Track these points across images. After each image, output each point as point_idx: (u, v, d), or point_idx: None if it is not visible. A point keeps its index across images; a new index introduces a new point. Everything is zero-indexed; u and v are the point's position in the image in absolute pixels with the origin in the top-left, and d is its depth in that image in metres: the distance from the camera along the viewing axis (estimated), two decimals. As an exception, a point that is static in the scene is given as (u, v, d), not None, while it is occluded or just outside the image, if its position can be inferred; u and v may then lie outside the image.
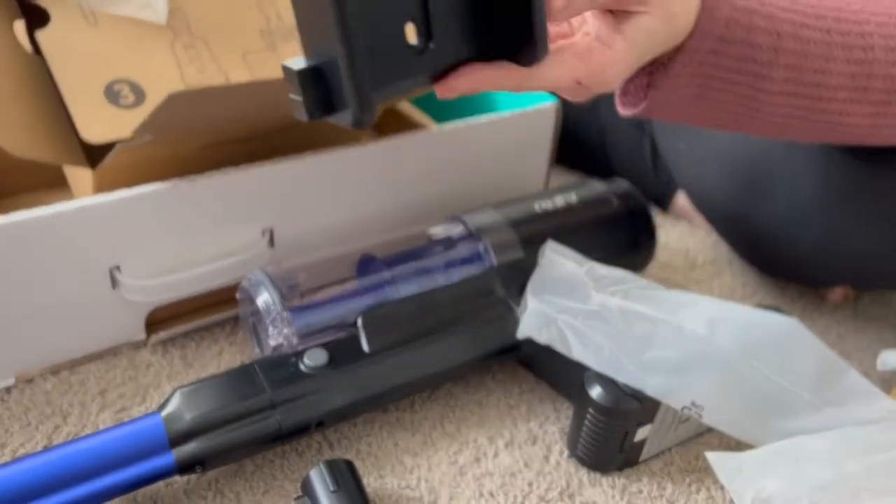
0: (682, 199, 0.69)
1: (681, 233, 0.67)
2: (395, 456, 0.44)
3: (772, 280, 0.62)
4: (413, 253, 0.50)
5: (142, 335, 0.49)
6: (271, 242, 0.51)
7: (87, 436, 0.38)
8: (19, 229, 0.42)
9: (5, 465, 0.36)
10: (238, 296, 0.47)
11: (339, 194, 0.52)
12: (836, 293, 0.59)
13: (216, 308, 0.51)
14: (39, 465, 0.37)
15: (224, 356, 0.49)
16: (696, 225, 0.68)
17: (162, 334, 0.50)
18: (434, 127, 0.56)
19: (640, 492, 0.43)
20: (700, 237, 0.66)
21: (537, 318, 0.43)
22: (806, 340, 0.44)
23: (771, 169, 0.54)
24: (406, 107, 0.67)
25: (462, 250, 0.50)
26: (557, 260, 0.45)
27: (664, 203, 0.70)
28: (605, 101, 0.71)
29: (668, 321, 0.42)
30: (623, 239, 0.54)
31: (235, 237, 0.50)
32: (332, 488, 0.38)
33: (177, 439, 0.39)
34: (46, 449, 0.37)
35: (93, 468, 0.37)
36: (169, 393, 0.41)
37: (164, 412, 0.39)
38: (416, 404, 0.47)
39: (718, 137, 0.57)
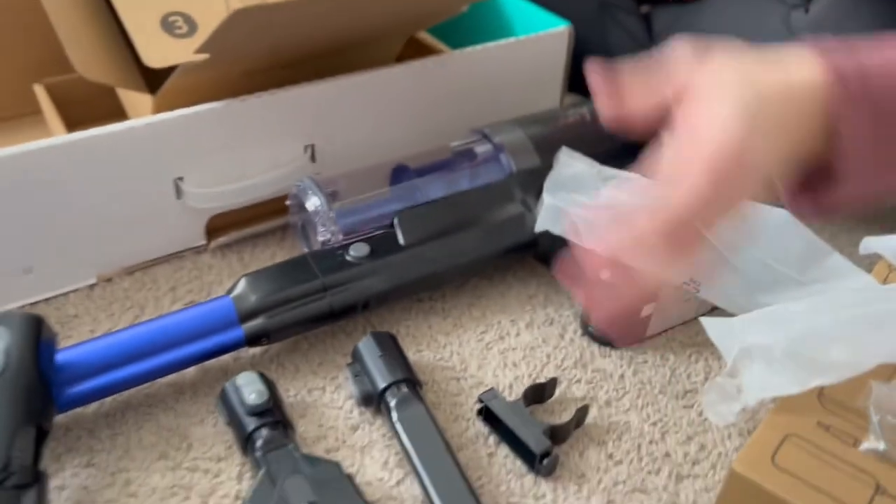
0: (688, 118, 0.73)
1: (687, 148, 0.72)
2: (429, 336, 0.50)
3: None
4: (440, 162, 0.55)
5: (203, 241, 0.56)
6: (313, 157, 0.57)
7: (171, 313, 0.45)
8: (97, 143, 0.48)
9: (103, 336, 0.43)
10: (288, 202, 0.53)
11: (373, 112, 0.58)
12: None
13: (267, 217, 0.57)
14: (132, 336, 0.43)
15: (276, 258, 0.56)
16: (702, 141, 0.73)
17: (221, 239, 0.56)
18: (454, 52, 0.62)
19: (645, 361, 0.49)
20: (705, 152, 0.71)
21: (552, 213, 0.49)
22: (794, 228, 0.49)
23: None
24: (425, 36, 0.72)
25: (484, 159, 0.55)
26: (570, 161, 0.50)
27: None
28: (610, 25, 0.76)
29: (668, 211, 0.48)
30: (631, 149, 0.59)
31: (281, 152, 0.55)
32: (379, 353, 0.45)
33: (245, 316, 0.45)
34: (137, 323, 0.44)
35: (176, 339, 0.44)
36: (217, 297, 0.47)
37: (233, 294, 0.46)
38: (447, 295, 0.54)
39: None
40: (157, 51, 0.52)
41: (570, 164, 0.50)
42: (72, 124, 0.61)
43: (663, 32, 0.75)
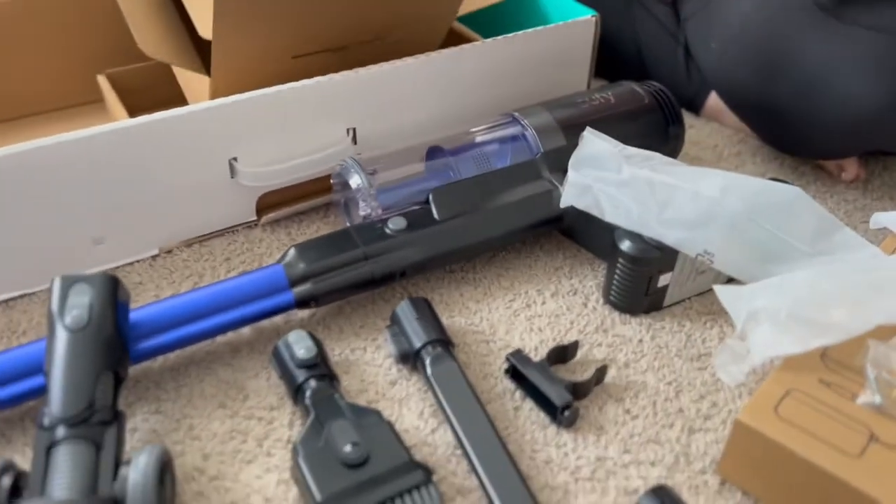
0: (712, 102, 0.76)
1: (710, 131, 0.75)
2: (461, 303, 0.54)
3: (791, 167, 0.69)
4: (472, 143, 0.59)
5: (254, 217, 0.61)
6: (354, 139, 0.61)
7: (228, 279, 0.50)
8: (160, 127, 0.53)
9: (169, 297, 0.48)
10: (332, 180, 0.58)
11: (410, 97, 0.62)
12: (849, 172, 0.66)
13: (312, 195, 0.62)
14: (194, 298, 0.48)
15: (320, 232, 0.61)
16: (726, 124, 0.75)
17: (270, 215, 0.61)
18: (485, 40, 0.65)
19: (663, 328, 0.53)
20: (728, 134, 0.74)
21: (577, 188, 0.53)
22: (807, 204, 0.52)
23: (790, 47, 0.61)
24: (459, 26, 0.75)
25: (513, 140, 0.59)
26: (594, 140, 0.54)
27: (697, 107, 0.78)
28: (639, 12, 0.79)
29: (685, 188, 0.51)
30: (654, 129, 0.63)
31: (326, 135, 0.60)
32: (415, 316, 0.49)
33: (294, 282, 0.50)
34: (198, 287, 0.49)
35: (233, 301, 0.49)
36: (268, 265, 0.51)
37: (284, 262, 0.51)
38: (477, 266, 0.58)
39: (745, 32, 0.64)
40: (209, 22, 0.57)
41: (594, 143, 0.54)
42: (133, 111, 0.66)
43: (691, 19, 0.78)
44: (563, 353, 0.49)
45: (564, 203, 0.54)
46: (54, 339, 0.41)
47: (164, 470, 0.39)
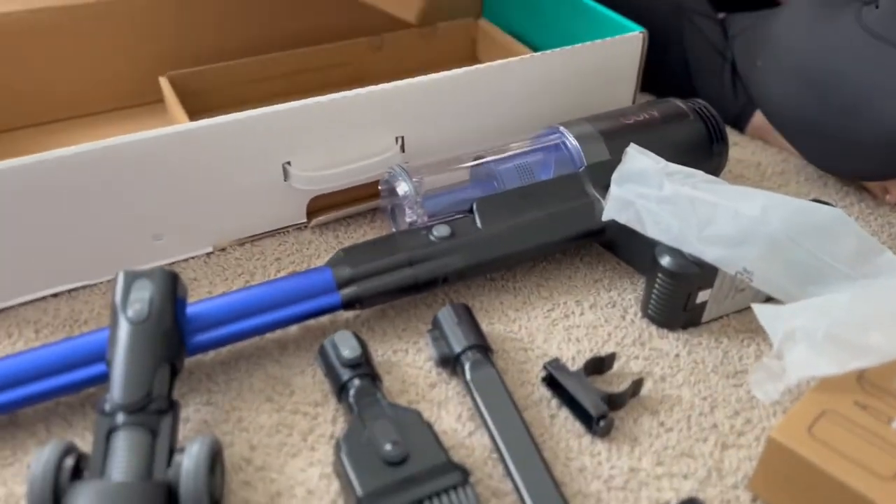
0: (757, 121, 0.76)
1: (755, 149, 0.75)
2: (500, 311, 0.56)
3: (836, 188, 0.69)
4: (517, 155, 0.60)
5: (304, 219, 0.63)
6: (402, 148, 0.63)
7: (279, 279, 0.52)
8: (218, 130, 0.56)
9: (222, 295, 0.50)
10: (380, 186, 0.60)
11: (457, 108, 0.64)
12: (893, 194, 0.66)
13: (360, 200, 0.64)
14: (246, 296, 0.51)
15: (367, 236, 0.62)
16: (770, 143, 0.76)
17: (320, 218, 0.63)
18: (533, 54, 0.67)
19: (700, 344, 0.53)
20: (772, 153, 0.74)
21: (619, 203, 0.54)
22: (847, 226, 0.52)
23: (837, 68, 0.61)
24: (508, 39, 0.77)
25: (557, 153, 0.60)
26: (637, 156, 0.55)
27: (742, 124, 0.78)
28: (687, 28, 0.79)
29: (726, 206, 0.52)
30: (698, 146, 0.63)
31: (375, 142, 0.62)
32: (456, 321, 0.51)
33: (342, 283, 0.52)
34: (250, 286, 0.51)
35: (282, 300, 0.51)
36: (317, 267, 0.53)
37: (332, 264, 0.53)
38: (517, 275, 0.59)
39: (793, 51, 0.65)
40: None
41: (638, 159, 0.55)
42: (192, 114, 0.69)
43: (739, 36, 0.78)
44: (599, 364, 0.50)
45: (606, 217, 0.55)
46: (117, 330, 0.44)
47: (215, 459, 0.41)
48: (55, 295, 0.56)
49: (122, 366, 0.42)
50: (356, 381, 0.47)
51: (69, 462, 0.40)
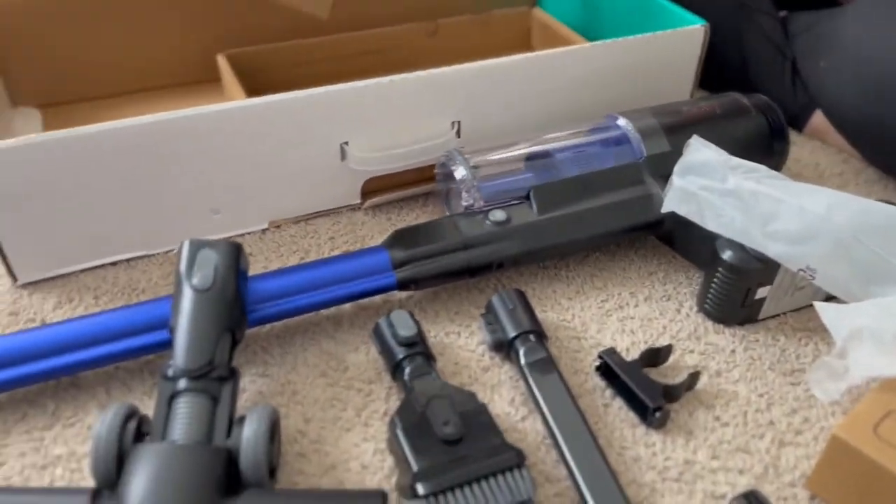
0: (817, 121, 0.75)
1: (813, 149, 0.73)
2: (553, 299, 0.56)
3: (897, 192, 0.68)
4: (575, 143, 0.60)
5: (358, 200, 0.63)
6: (458, 133, 0.63)
7: (336, 256, 0.52)
8: (279, 108, 0.56)
9: (281, 269, 0.51)
10: (436, 170, 0.60)
11: (514, 95, 0.63)
12: (958, 201, 0.64)
13: (413, 184, 0.64)
14: (304, 273, 0.51)
15: (419, 220, 0.63)
16: (829, 144, 0.74)
17: (373, 200, 0.63)
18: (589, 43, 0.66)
19: (757, 340, 0.53)
20: (831, 153, 0.73)
21: (680, 194, 0.53)
22: (915, 227, 0.51)
23: None
24: (564, 30, 0.76)
25: (617, 142, 0.60)
26: (701, 148, 0.54)
27: (800, 124, 0.76)
28: (747, 26, 0.78)
29: (791, 202, 0.51)
30: (758, 143, 0.62)
31: (431, 126, 0.62)
32: (511, 307, 0.50)
33: (397, 264, 0.52)
34: (308, 263, 0.52)
35: (339, 278, 0.51)
36: (373, 246, 0.53)
37: (388, 245, 0.53)
38: (571, 265, 0.59)
39: (859, 51, 0.64)
40: None
41: (701, 151, 0.54)
42: (249, 93, 0.69)
43: (800, 35, 0.77)
44: (655, 356, 0.50)
45: (666, 208, 0.54)
46: (181, 297, 0.44)
47: (274, 428, 0.42)
48: (114, 264, 0.57)
49: (186, 332, 0.43)
50: (411, 360, 0.47)
51: (132, 424, 0.40)
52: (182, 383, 0.42)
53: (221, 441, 0.40)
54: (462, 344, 0.52)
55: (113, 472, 0.39)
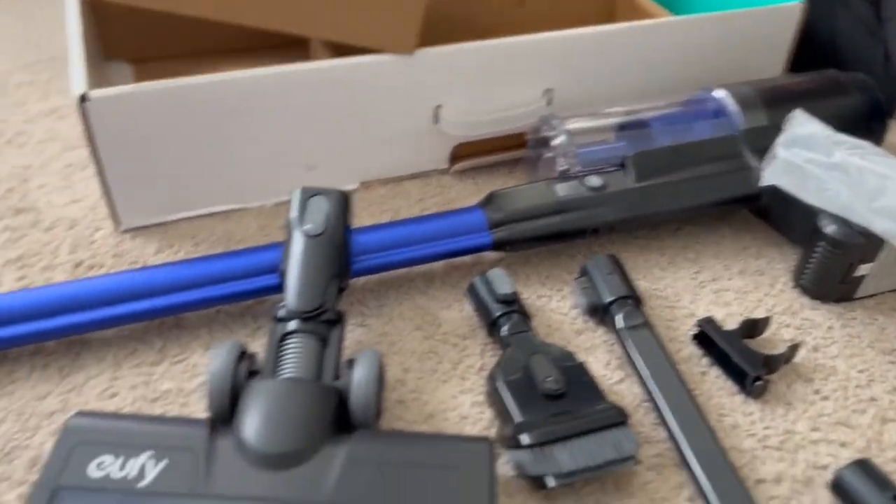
0: (910, 106, 0.73)
1: (906, 134, 0.72)
2: (646, 269, 0.55)
3: None
4: (672, 114, 0.60)
5: (446, 165, 0.64)
6: (549, 101, 0.63)
7: (431, 215, 0.53)
8: (376, 68, 0.57)
9: (379, 224, 0.51)
10: (529, 136, 0.60)
11: (606, 65, 0.63)
12: None
13: (500, 150, 0.64)
14: (402, 229, 0.51)
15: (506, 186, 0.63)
16: (923, 129, 0.72)
17: (462, 164, 0.63)
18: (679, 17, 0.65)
19: (854, 318, 0.52)
20: (926, 139, 0.71)
21: (784, 166, 0.52)
22: None
23: None
24: (644, 2, 0.76)
25: (714, 115, 0.59)
26: (804, 122, 0.53)
27: (889, 109, 0.75)
28: (839, 8, 0.76)
29: (899, 178, 0.50)
30: (855, 121, 0.61)
31: (523, 92, 0.62)
32: (608, 271, 0.50)
33: (493, 225, 0.52)
34: (405, 219, 0.52)
35: (434, 236, 0.52)
36: (468, 206, 0.54)
37: (484, 205, 0.53)
38: (662, 236, 0.58)
39: None
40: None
41: (805, 125, 0.53)
42: (336, 55, 0.70)
43: (892, 20, 0.75)
44: (752, 328, 0.49)
45: (767, 181, 0.53)
46: (292, 243, 0.45)
47: (381, 373, 0.42)
48: (211, 215, 0.58)
49: (298, 277, 0.44)
50: (509, 318, 0.47)
51: (245, 362, 0.41)
52: (293, 324, 0.43)
53: (329, 382, 0.41)
54: (554, 307, 0.52)
55: (227, 407, 0.40)
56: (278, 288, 0.49)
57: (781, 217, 0.57)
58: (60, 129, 0.65)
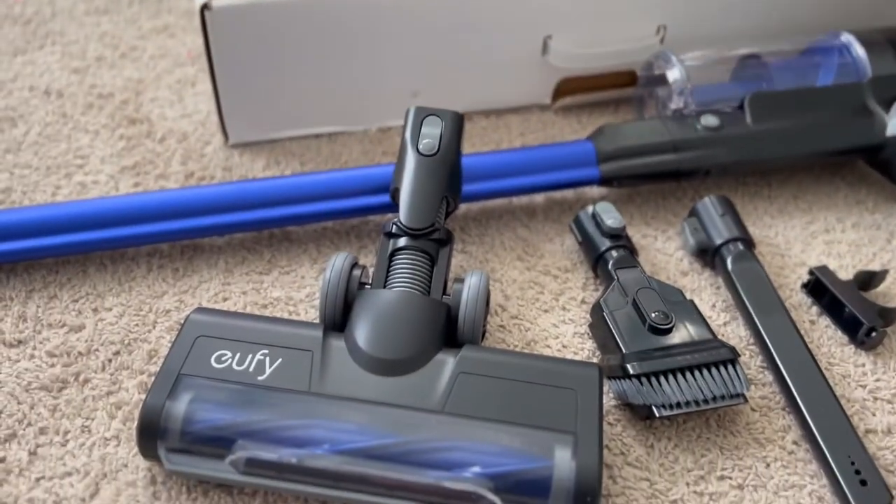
0: None
1: None
2: (755, 215, 0.54)
3: None
4: (793, 57, 0.57)
5: (548, 100, 0.63)
6: (662, 39, 0.61)
7: (539, 145, 0.52)
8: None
9: (481, 152, 0.51)
10: (641, 72, 0.58)
11: (724, 3, 0.60)
12: None
13: (604, 89, 0.63)
14: (507, 157, 0.51)
15: (612, 125, 0.61)
16: None
17: (566, 100, 0.62)
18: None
19: (978, 279, 0.49)
20: None
21: (914, 115, 0.50)
22: None
23: None
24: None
25: (840, 60, 0.56)
26: (943, 69, 0.50)
27: None
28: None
29: None
30: None
31: (636, 27, 0.60)
32: (720, 213, 0.49)
33: (602, 158, 0.51)
34: (512, 148, 0.52)
35: (541, 166, 0.51)
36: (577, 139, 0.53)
37: (594, 138, 0.52)
38: (773, 183, 0.56)
39: None
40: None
41: (943, 73, 0.50)
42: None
43: None
44: (868, 279, 0.48)
45: (893, 132, 0.51)
46: (405, 161, 0.45)
47: (488, 292, 0.42)
48: (317, 136, 0.59)
49: (411, 194, 0.44)
50: (616, 252, 0.47)
51: (357, 272, 0.42)
52: (403, 241, 0.43)
53: (439, 298, 0.42)
54: (659, 247, 0.51)
55: (339, 315, 0.41)
56: (384, 208, 0.49)
57: (906, 170, 0.54)
58: (171, 47, 0.66)
